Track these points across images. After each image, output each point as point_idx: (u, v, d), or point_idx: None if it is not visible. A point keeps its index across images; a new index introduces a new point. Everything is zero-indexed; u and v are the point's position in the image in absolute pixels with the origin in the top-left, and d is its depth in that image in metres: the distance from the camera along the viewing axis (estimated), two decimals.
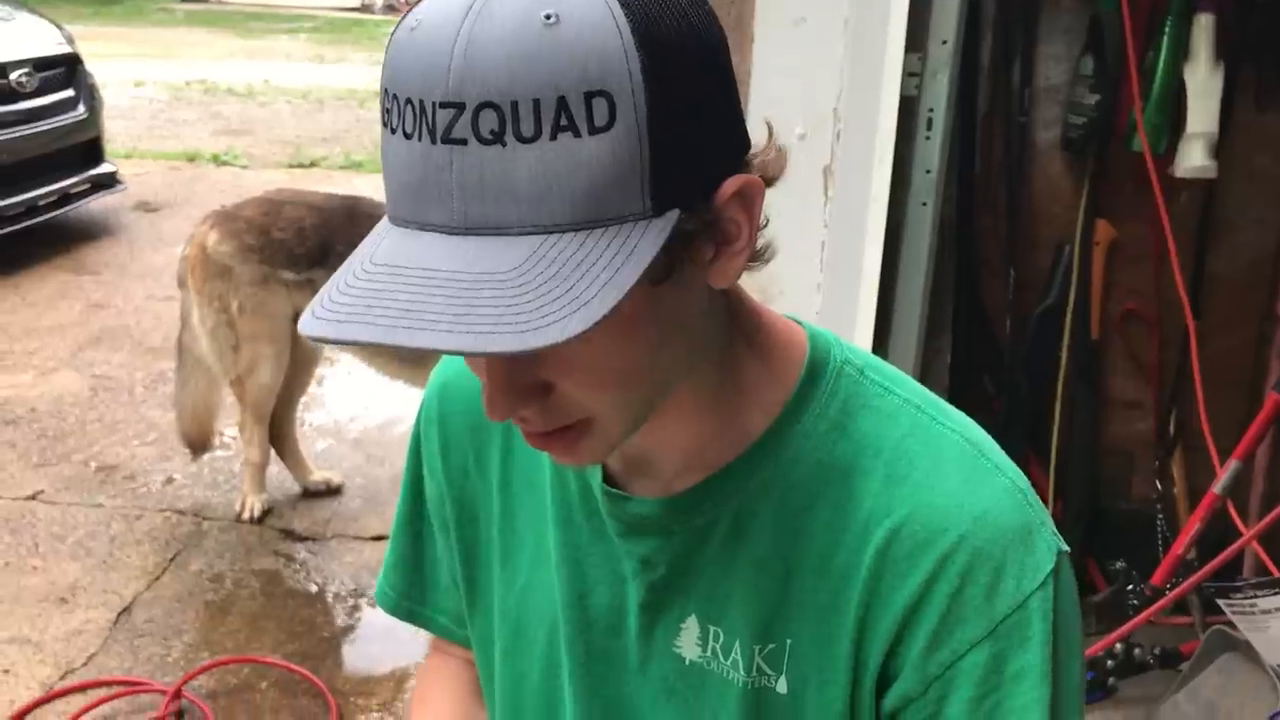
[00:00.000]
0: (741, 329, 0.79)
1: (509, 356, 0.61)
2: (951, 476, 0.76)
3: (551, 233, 0.61)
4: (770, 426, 0.79)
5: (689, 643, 0.82)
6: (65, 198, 5.88)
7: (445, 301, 0.60)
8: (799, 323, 0.83)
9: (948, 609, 0.73)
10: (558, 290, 0.59)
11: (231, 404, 3.56)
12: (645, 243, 0.62)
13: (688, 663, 0.83)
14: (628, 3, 0.61)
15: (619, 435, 0.72)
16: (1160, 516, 2.79)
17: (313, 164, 8.35)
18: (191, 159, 8.30)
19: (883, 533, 0.75)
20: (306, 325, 0.63)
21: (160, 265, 5.78)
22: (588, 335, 0.60)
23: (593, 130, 0.60)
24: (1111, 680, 2.46)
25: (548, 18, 0.59)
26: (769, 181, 0.70)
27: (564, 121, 0.59)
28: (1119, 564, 2.64)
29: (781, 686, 0.80)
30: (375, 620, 2.97)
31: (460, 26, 0.60)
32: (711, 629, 0.81)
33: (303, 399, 3.80)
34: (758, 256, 0.73)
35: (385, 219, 0.67)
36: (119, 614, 2.94)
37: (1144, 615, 2.39)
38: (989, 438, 0.80)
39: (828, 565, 0.77)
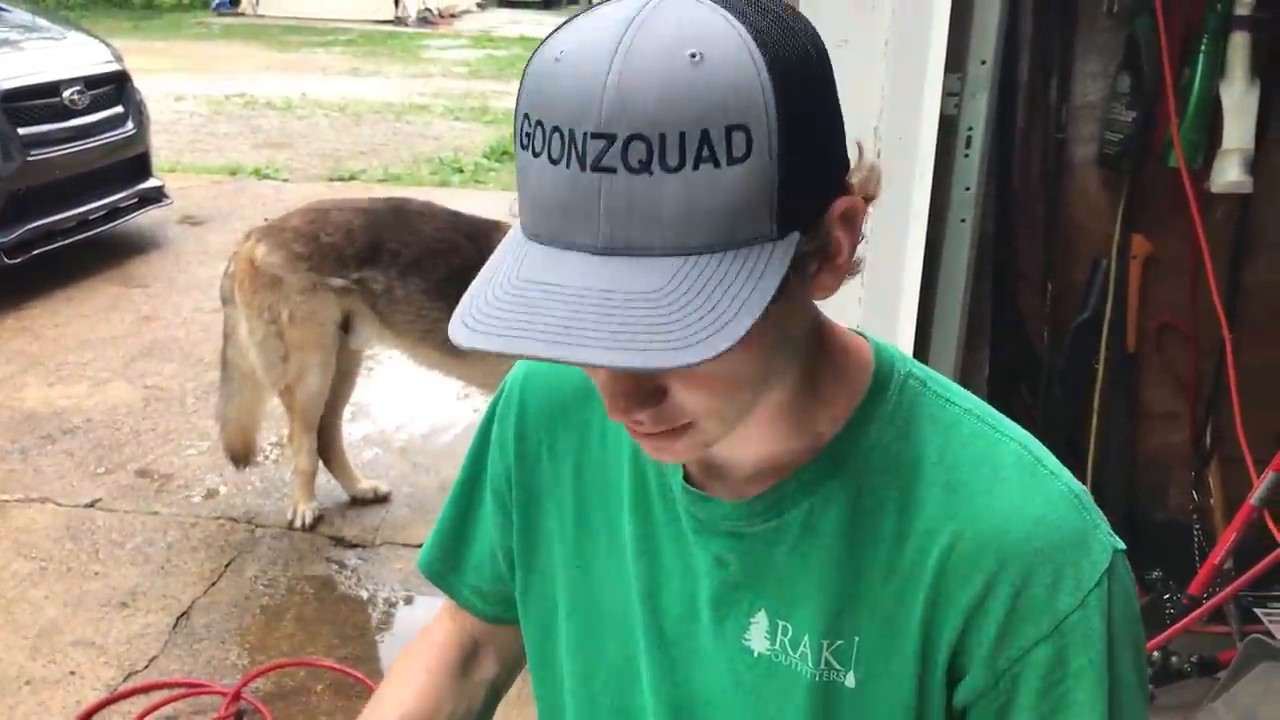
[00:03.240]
0: (818, 339, 0.84)
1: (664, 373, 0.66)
2: (1010, 482, 0.81)
3: (690, 255, 0.66)
4: (839, 433, 0.84)
5: (758, 636, 0.87)
6: (114, 212, 6.02)
7: (601, 318, 0.65)
8: (863, 335, 0.89)
9: (1012, 607, 0.78)
10: (703, 309, 0.65)
11: (277, 415, 3.65)
12: (773, 265, 0.67)
13: (756, 655, 0.87)
14: (760, 39, 0.66)
15: (715, 437, 0.78)
16: (1196, 527, 2.82)
17: (352, 177, 8.47)
18: (233, 173, 8.44)
19: (946, 536, 0.80)
20: (464, 336, 0.68)
21: (206, 278, 5.88)
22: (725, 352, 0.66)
23: (731, 161, 0.65)
24: (1149, 687, 2.50)
25: (693, 56, 0.64)
26: (868, 200, 0.76)
27: (706, 153, 0.64)
28: (1155, 573, 2.67)
29: (850, 681, 0.84)
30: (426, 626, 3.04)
31: (610, 62, 0.64)
32: (780, 623, 0.86)
33: (349, 410, 3.88)
34: (853, 270, 0.79)
35: (519, 232, 0.72)
36: (178, 618, 3.03)
37: (1183, 623, 2.42)
38: (1043, 446, 0.84)
39: (893, 566, 0.82)
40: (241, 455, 3.62)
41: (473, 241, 3.33)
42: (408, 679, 1.10)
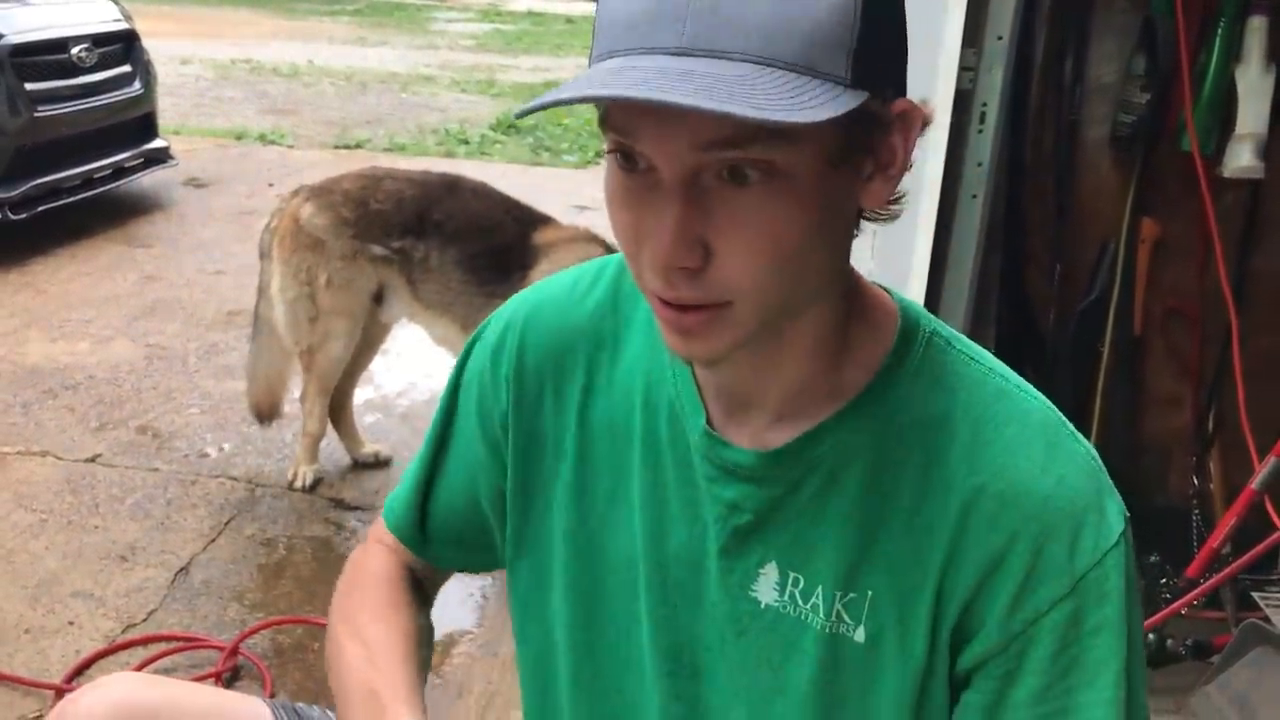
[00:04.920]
0: (851, 283, 0.85)
1: (772, 125, 0.64)
2: (1036, 442, 0.81)
3: (769, 66, 0.66)
4: (869, 385, 0.84)
5: (766, 588, 0.87)
6: (119, 171, 5.99)
7: (685, 81, 0.64)
8: (887, 290, 0.89)
9: (1031, 566, 0.79)
10: (785, 94, 0.65)
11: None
12: (847, 98, 0.68)
13: (763, 605, 0.87)
14: None
15: (751, 326, 0.76)
16: (1196, 512, 2.83)
17: (358, 145, 8.45)
18: (238, 137, 8.42)
19: (969, 491, 0.80)
20: (544, 100, 0.66)
21: (210, 240, 5.90)
22: (804, 147, 0.68)
23: None
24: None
25: None
26: (924, 123, 0.77)
27: None
28: (1153, 557, 2.68)
29: (859, 636, 0.84)
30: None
31: None
32: (791, 574, 0.86)
33: None
34: (896, 199, 0.79)
35: (594, 64, 0.71)
36: (176, 573, 3.03)
37: (1178, 604, 2.43)
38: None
39: (913, 520, 0.82)
40: (267, 413, 3.60)
41: (518, 225, 3.29)
42: (382, 616, 1.08)
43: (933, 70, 2.23)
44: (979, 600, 0.81)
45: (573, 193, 7.11)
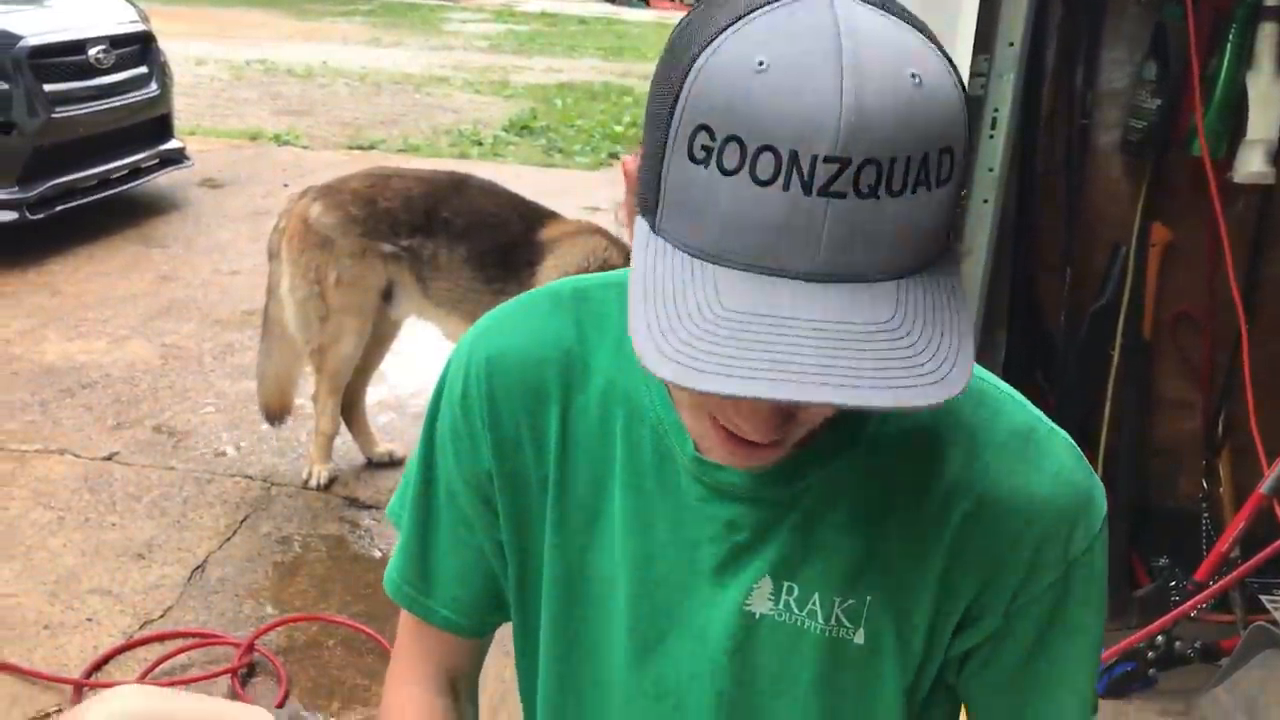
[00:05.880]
0: None
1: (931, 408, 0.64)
2: (1027, 443, 0.84)
3: (901, 278, 0.65)
4: None
5: (760, 599, 0.88)
6: (136, 172, 6.04)
7: (854, 355, 0.62)
8: None
9: (1034, 561, 0.83)
10: (936, 337, 0.64)
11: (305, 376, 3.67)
12: (956, 274, 0.68)
13: (757, 617, 0.88)
14: (945, 55, 0.66)
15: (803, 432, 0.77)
16: (1206, 515, 2.84)
17: (371, 146, 8.49)
18: (253, 138, 8.46)
19: (970, 499, 0.83)
20: (682, 375, 0.62)
21: (225, 241, 5.94)
22: None
23: (939, 183, 0.64)
24: (1152, 671, 2.52)
25: (914, 77, 0.62)
26: None
27: (922, 176, 0.63)
28: (1163, 560, 2.70)
29: (859, 638, 0.86)
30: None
31: (841, 82, 0.61)
32: (785, 584, 0.87)
33: None
34: None
35: (674, 251, 0.67)
36: (193, 571, 3.07)
37: (1187, 606, 2.45)
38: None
39: (910, 529, 0.84)
40: (277, 413, 3.63)
41: (524, 222, 3.33)
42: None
43: None
44: (982, 596, 0.85)
45: (585, 194, 7.13)
